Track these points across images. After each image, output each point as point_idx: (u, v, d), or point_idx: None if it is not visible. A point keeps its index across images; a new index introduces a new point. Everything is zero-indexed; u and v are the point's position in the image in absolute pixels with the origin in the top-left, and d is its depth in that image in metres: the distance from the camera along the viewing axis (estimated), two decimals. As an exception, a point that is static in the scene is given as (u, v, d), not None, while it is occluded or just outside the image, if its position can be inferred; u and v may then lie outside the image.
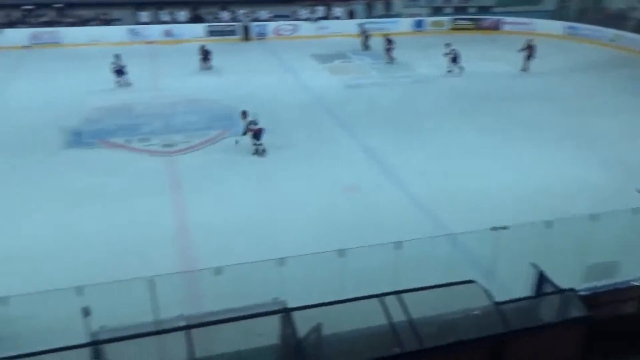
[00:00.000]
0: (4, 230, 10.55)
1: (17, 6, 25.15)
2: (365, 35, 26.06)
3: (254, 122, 13.71)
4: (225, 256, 8.41)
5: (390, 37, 23.71)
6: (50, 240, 10.24)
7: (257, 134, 13.77)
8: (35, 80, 20.09)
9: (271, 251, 8.33)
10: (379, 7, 30.71)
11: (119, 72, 19.42)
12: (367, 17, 29.65)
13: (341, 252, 7.57)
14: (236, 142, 13.93)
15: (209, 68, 21.94)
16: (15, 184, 12.46)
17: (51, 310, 7.41)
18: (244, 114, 13.81)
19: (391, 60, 23.30)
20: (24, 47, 24.11)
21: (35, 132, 15.48)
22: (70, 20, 25.44)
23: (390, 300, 5.93)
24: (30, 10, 25.05)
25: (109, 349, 5.39)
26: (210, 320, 5.73)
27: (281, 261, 7.28)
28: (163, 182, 12.70)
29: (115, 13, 26.58)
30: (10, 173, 12.98)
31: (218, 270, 7.19)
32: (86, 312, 6.15)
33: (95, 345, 5.41)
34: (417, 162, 13.59)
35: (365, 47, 25.91)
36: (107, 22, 26.02)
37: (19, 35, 24.28)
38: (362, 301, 5.95)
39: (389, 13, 30.60)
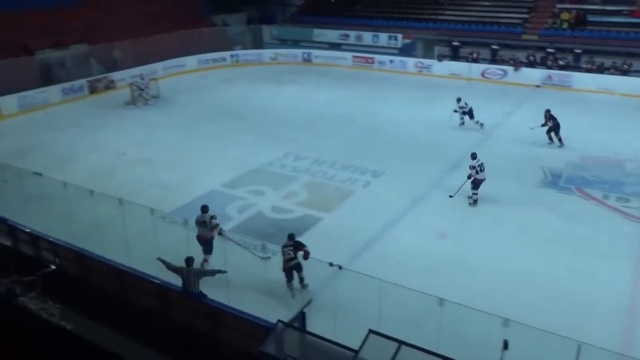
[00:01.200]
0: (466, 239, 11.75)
1: (541, 48, 27.04)
2: None
3: None
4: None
5: None
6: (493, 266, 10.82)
7: None
8: (533, 117, 21.19)
9: None
10: None
11: (466, 113, 19.48)
12: None
13: None
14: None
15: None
16: (482, 203, 13.67)
17: (474, 326, 7.90)
18: None
19: None
20: (535, 86, 25.76)
21: (517, 163, 16.46)
22: (587, 67, 25.63)
23: None
24: (550, 53, 26.53)
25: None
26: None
27: None
28: (630, 249, 11.60)
29: (637, 64, 25.24)
30: (481, 192, 14.32)
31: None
32: (506, 345, 6.30)
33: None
34: None
35: None
36: (625, 72, 24.95)
37: (534, 74, 26.07)
38: None
39: None
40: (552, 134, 17.89)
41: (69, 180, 12.67)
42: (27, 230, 11.26)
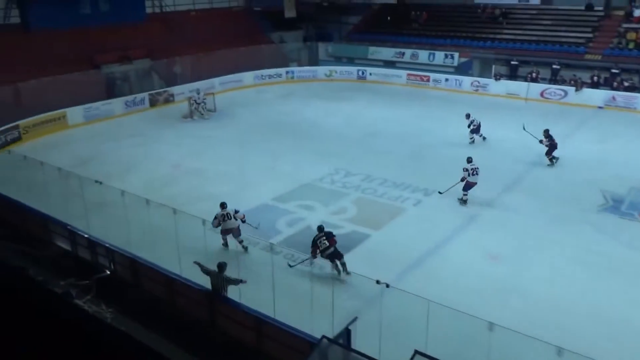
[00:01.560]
0: (533, 264, 11.38)
1: (606, 69, 26.10)
2: None
3: None
4: None
5: None
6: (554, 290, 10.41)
7: None
8: (594, 139, 20.44)
9: None
10: None
11: (473, 130, 19.97)
12: None
13: None
14: None
15: None
16: (538, 227, 13.21)
17: (525, 353, 7.60)
18: None
19: None
20: (597, 107, 24.83)
21: (575, 186, 15.87)
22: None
23: None
24: (615, 74, 25.56)
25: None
26: None
27: None
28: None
29: None
30: (538, 215, 13.84)
31: None
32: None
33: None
34: None
35: None
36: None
37: (596, 95, 25.14)
38: None
39: None
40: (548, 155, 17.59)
41: (127, 189, 13.13)
42: (86, 236, 11.74)
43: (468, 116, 19.98)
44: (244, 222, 12.40)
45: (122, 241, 11.46)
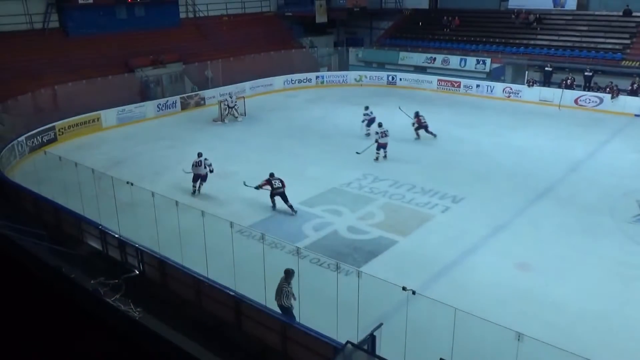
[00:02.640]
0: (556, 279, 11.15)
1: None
2: None
3: None
4: None
5: None
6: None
7: None
8: (630, 148, 19.92)
9: None
10: None
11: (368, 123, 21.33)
12: None
13: None
14: None
15: None
16: (570, 236, 12.92)
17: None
18: None
19: None
20: (634, 115, 24.19)
21: (609, 195, 15.47)
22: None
23: None
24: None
25: None
26: None
27: None
28: None
29: None
30: (570, 224, 13.54)
31: None
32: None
33: None
34: None
35: None
36: None
37: (633, 103, 24.48)
38: None
39: None
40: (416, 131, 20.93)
41: (158, 190, 13.34)
42: (116, 236, 11.95)
43: (366, 108, 21.73)
44: (212, 171, 15.96)
45: (151, 241, 11.64)
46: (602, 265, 11.79)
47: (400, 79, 31.71)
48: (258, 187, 14.83)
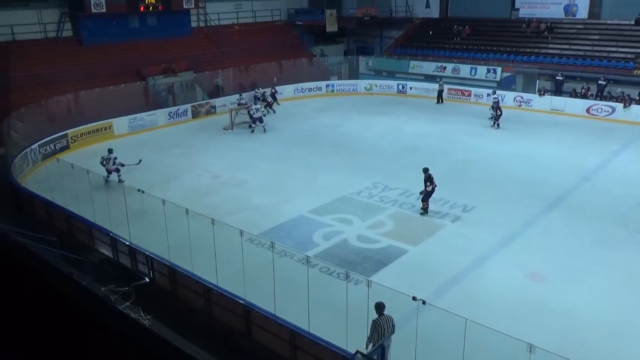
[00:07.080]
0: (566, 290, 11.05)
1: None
2: None
3: None
4: None
5: None
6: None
7: None
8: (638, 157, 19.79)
9: None
10: None
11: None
12: None
13: None
14: None
15: None
16: (583, 247, 12.80)
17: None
18: None
19: None
20: (646, 124, 24.04)
21: (622, 206, 15.32)
22: None
23: None
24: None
25: None
26: None
27: None
28: None
29: None
30: (582, 235, 13.42)
31: None
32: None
33: None
34: None
35: None
36: None
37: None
38: None
39: None
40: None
41: (168, 198, 13.40)
42: (127, 243, 12.02)
43: (258, 89, 25.41)
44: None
45: (161, 249, 11.68)
46: (614, 276, 11.65)
47: (411, 88, 31.71)
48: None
